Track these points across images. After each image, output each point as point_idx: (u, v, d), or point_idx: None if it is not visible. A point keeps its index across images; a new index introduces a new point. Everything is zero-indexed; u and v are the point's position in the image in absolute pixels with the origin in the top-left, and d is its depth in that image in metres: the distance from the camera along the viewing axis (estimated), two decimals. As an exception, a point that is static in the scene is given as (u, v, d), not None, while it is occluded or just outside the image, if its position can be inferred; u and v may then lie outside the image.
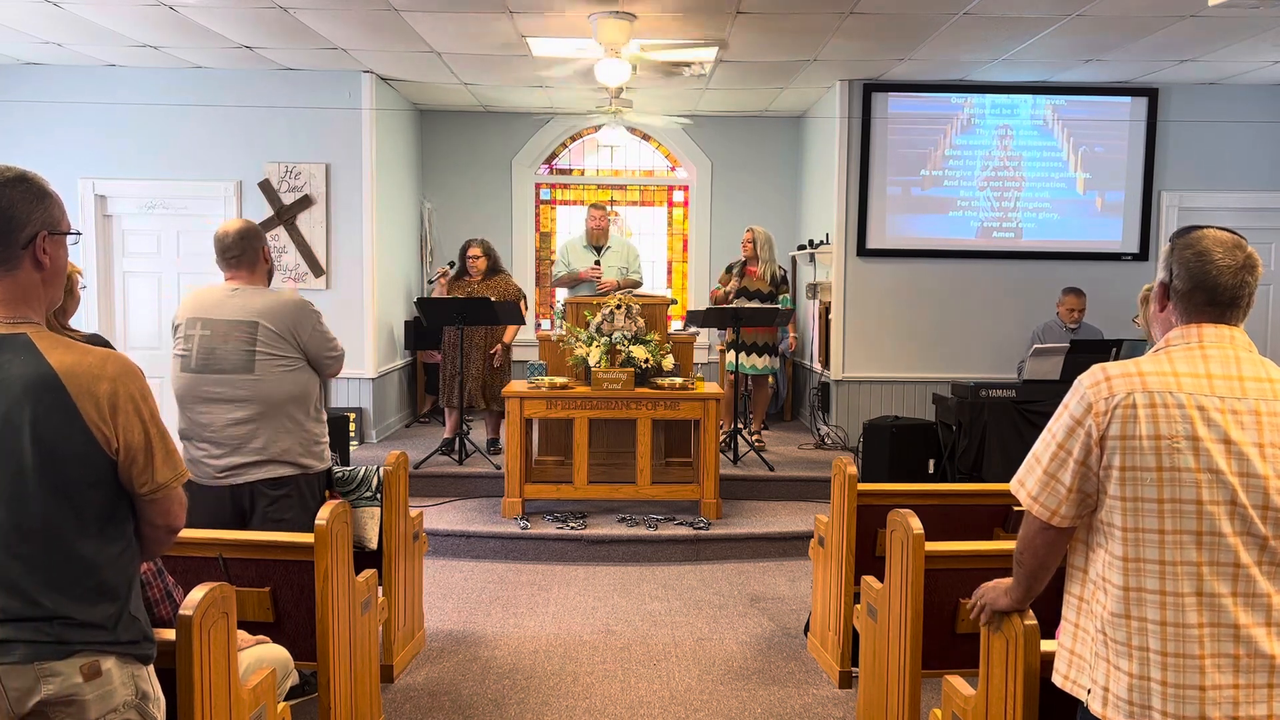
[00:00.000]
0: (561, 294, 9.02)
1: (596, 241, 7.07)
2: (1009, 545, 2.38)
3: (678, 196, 9.25)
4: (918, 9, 5.38)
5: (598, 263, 7.02)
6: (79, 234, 1.88)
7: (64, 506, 1.72)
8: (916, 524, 2.97)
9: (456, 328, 6.46)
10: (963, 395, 5.69)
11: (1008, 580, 2.13)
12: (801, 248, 8.37)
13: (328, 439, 3.60)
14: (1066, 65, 6.69)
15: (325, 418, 3.59)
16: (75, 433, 1.71)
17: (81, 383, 1.72)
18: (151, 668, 1.87)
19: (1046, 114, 7.30)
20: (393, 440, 7.58)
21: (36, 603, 1.69)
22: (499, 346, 6.73)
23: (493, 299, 6.44)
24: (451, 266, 7.58)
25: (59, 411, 1.70)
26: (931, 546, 2.99)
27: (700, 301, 8.82)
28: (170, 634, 2.16)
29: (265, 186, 7.19)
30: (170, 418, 3.45)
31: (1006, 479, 2.17)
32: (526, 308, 6.93)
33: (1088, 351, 5.61)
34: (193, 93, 7.13)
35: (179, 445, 3.41)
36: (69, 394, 1.71)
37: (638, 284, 7.10)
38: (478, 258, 6.83)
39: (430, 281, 7.59)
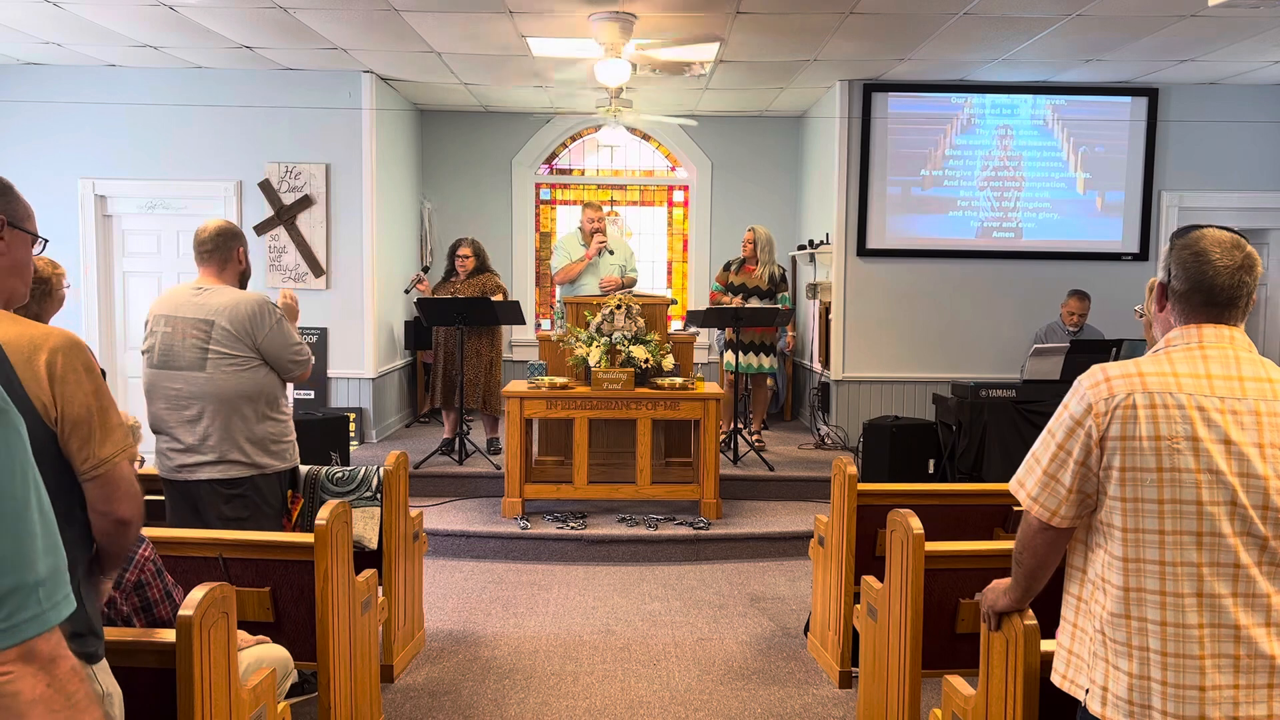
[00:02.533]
0: (561, 294, 9.05)
1: (608, 247, 6.71)
2: (1009, 545, 2.39)
3: (678, 196, 9.25)
4: (918, 9, 5.38)
5: (608, 251, 6.69)
6: (45, 240, 1.85)
7: None
8: (916, 524, 2.97)
9: (455, 328, 6.46)
10: (963, 395, 5.69)
11: (1007, 580, 2.14)
12: (801, 248, 8.37)
13: (292, 437, 3.58)
14: (1066, 65, 6.69)
15: (288, 416, 3.56)
16: (14, 401, 1.67)
17: (23, 353, 1.70)
18: (104, 664, 1.80)
19: (1046, 114, 7.30)
20: (393, 440, 7.58)
21: None
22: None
23: (481, 298, 6.44)
24: (425, 272, 7.54)
25: None
26: (931, 546, 2.99)
27: (700, 301, 8.82)
28: (170, 634, 2.16)
29: (265, 186, 7.20)
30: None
31: (1006, 479, 2.17)
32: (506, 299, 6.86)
33: (1088, 351, 5.61)
34: (193, 93, 7.14)
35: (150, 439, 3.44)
36: (9, 363, 1.68)
37: (634, 281, 6.85)
38: (468, 257, 6.81)
39: (406, 291, 7.56)
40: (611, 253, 6.70)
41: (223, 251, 3.45)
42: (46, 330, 1.75)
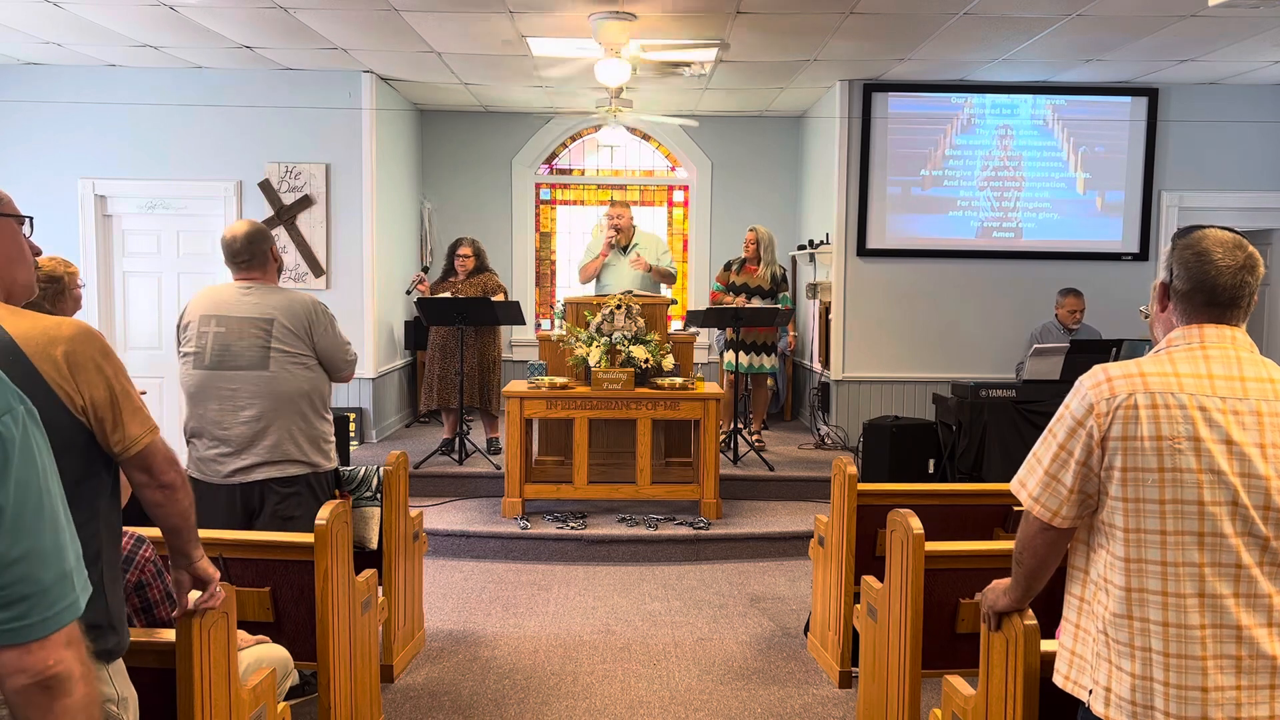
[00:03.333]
0: (562, 294, 9.05)
1: (619, 241, 6.61)
2: (1009, 545, 2.38)
3: (678, 196, 9.25)
4: (918, 9, 5.37)
5: (624, 250, 6.60)
6: (30, 218, 1.83)
7: None
8: (916, 524, 2.97)
9: (455, 328, 6.46)
10: (963, 395, 5.69)
11: (1007, 580, 2.13)
12: (801, 247, 8.37)
13: (335, 439, 3.61)
14: (1066, 65, 6.69)
15: (331, 417, 3.59)
16: (37, 394, 1.67)
17: (39, 345, 1.70)
18: (120, 665, 1.80)
19: (1047, 114, 7.30)
20: (393, 440, 7.58)
21: None
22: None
23: (482, 298, 6.44)
24: (425, 272, 7.55)
25: (18, 375, 1.66)
26: (931, 546, 2.99)
27: (700, 301, 8.82)
28: (170, 634, 2.16)
29: (265, 186, 7.19)
30: (176, 418, 3.46)
31: (1006, 479, 2.17)
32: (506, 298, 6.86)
33: (1088, 351, 5.61)
34: (193, 93, 7.13)
35: (186, 444, 3.42)
36: (27, 357, 1.69)
37: (671, 275, 6.69)
38: (468, 257, 6.81)
39: (408, 292, 7.57)
40: (624, 250, 6.66)
41: (260, 256, 3.42)
42: (58, 321, 1.75)
